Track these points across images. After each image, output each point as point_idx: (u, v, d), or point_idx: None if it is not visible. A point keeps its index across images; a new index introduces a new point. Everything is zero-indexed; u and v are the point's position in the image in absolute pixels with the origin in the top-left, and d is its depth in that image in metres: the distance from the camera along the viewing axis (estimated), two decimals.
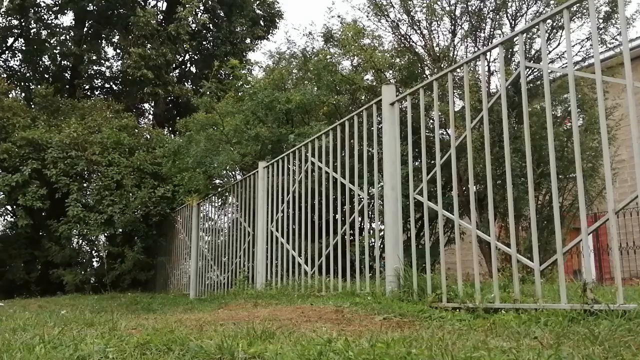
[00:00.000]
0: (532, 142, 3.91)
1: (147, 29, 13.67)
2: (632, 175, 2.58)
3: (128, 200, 10.20)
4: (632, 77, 2.43)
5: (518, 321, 2.40)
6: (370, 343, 1.78)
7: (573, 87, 2.69)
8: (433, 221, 6.70)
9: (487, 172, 3.02)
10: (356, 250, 4.25)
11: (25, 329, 2.62)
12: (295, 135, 6.79)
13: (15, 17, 15.52)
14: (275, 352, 1.67)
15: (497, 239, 3.42)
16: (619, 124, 6.80)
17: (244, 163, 7.66)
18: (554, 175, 2.70)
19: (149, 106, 17.52)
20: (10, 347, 1.90)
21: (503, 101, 3.05)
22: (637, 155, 2.33)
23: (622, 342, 1.74)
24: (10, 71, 16.45)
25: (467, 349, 1.68)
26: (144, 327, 2.57)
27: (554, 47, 6.81)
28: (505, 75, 3.43)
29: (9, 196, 10.37)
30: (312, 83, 8.16)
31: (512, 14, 7.04)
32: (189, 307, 5.10)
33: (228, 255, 7.19)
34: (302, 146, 5.28)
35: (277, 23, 16.41)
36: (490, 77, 7.09)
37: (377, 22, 7.67)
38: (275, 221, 5.63)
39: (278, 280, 5.37)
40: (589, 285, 2.43)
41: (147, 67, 13.34)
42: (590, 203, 6.71)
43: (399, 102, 3.97)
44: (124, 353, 1.78)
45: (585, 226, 2.56)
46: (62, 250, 10.52)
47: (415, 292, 3.34)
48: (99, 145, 10.69)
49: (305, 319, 2.98)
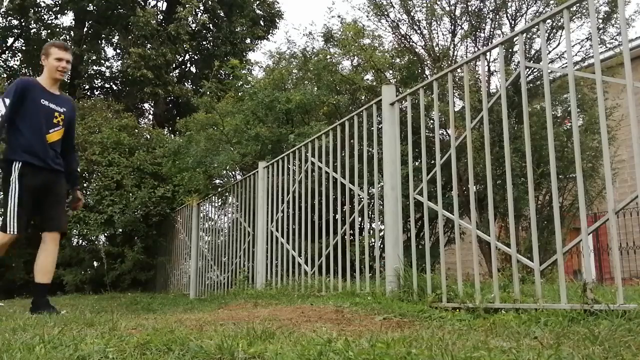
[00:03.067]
0: (532, 142, 3.92)
1: (147, 29, 13.67)
2: (632, 175, 2.58)
3: (128, 200, 10.20)
4: (632, 77, 2.43)
5: (518, 321, 2.40)
6: (370, 343, 1.78)
7: (573, 87, 2.69)
8: (433, 221, 6.71)
9: (487, 172, 3.03)
10: (356, 250, 4.25)
11: (25, 329, 2.62)
12: (295, 135, 6.79)
13: (15, 17, 15.53)
14: (275, 352, 1.67)
15: (497, 239, 3.42)
16: (619, 124, 6.80)
17: (244, 163, 7.66)
18: (554, 175, 2.70)
19: (149, 106, 17.53)
20: (10, 347, 1.90)
21: (503, 101, 3.05)
22: (637, 155, 2.33)
23: (622, 342, 1.74)
24: (10, 71, 16.46)
25: (467, 349, 1.68)
26: (144, 327, 2.57)
27: (553, 47, 6.81)
28: (505, 75, 3.43)
29: None
30: (312, 83, 8.16)
31: (512, 14, 7.05)
32: (189, 307, 5.10)
33: (228, 255, 7.19)
34: (302, 146, 5.28)
35: (277, 23, 16.41)
36: (490, 77, 7.09)
37: (377, 22, 7.68)
38: (275, 221, 5.63)
39: (278, 280, 5.37)
40: (589, 285, 2.43)
41: (147, 67, 13.34)
42: (590, 203, 6.71)
43: (399, 102, 3.97)
44: (124, 353, 1.78)
45: (585, 226, 2.56)
46: (62, 250, 10.51)
47: (415, 292, 3.34)
48: (99, 145, 10.68)
49: (305, 319, 2.98)
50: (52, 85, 3.93)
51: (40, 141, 3.74)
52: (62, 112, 3.93)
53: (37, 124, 3.76)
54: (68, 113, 3.98)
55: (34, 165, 3.71)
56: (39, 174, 3.74)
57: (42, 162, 3.75)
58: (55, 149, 3.87)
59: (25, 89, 3.76)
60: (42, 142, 3.75)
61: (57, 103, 3.90)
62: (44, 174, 3.76)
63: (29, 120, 3.73)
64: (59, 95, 3.98)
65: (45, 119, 3.80)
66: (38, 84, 3.89)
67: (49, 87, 3.91)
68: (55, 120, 3.87)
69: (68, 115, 3.98)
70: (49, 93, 3.88)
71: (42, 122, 3.78)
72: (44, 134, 3.78)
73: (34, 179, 3.71)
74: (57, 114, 3.89)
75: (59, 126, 3.91)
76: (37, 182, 3.72)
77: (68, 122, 3.99)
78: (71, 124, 4.06)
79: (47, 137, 3.80)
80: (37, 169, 3.74)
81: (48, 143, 3.80)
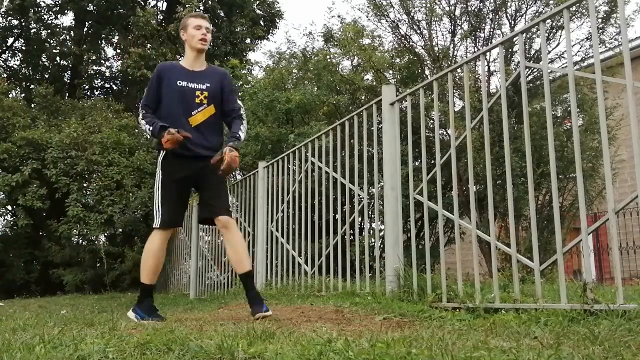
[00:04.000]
0: (532, 142, 3.92)
1: (147, 29, 13.67)
2: (632, 175, 2.58)
3: (128, 200, 10.20)
4: (632, 77, 2.43)
5: (518, 321, 2.40)
6: (370, 343, 1.78)
7: (573, 87, 2.69)
8: (433, 221, 6.71)
9: (487, 172, 3.02)
10: (356, 250, 4.25)
11: (25, 329, 2.62)
12: (295, 135, 6.80)
13: (15, 17, 15.53)
14: (275, 352, 1.67)
15: (497, 239, 3.43)
16: (619, 124, 6.80)
17: (244, 163, 7.67)
18: (554, 175, 2.70)
19: None
20: (10, 347, 1.90)
21: (503, 101, 3.06)
22: (637, 155, 2.33)
23: (622, 342, 1.74)
24: (10, 71, 16.46)
25: (467, 348, 1.68)
26: (144, 327, 2.57)
27: (553, 47, 6.82)
28: (505, 75, 3.43)
29: (9, 196, 10.38)
30: (312, 83, 8.17)
31: (512, 14, 7.05)
32: (189, 307, 5.10)
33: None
34: (302, 146, 5.28)
35: (277, 23, 16.41)
36: (490, 77, 7.10)
37: (377, 22, 7.69)
38: (275, 221, 5.63)
39: (278, 280, 5.37)
40: (589, 285, 2.43)
41: (147, 67, 13.34)
42: (590, 203, 6.71)
43: (399, 102, 3.97)
44: (124, 353, 1.78)
45: (585, 226, 2.56)
46: (62, 250, 10.52)
47: (415, 292, 3.34)
48: (99, 145, 10.69)
49: (305, 318, 2.99)
50: (195, 60, 3.51)
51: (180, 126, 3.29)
52: (205, 89, 3.44)
53: (175, 109, 3.38)
54: (213, 87, 3.47)
55: (175, 154, 3.33)
56: (184, 163, 3.35)
57: (186, 150, 3.33)
58: (202, 131, 3.38)
59: (159, 77, 3.43)
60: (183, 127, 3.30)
61: (198, 80, 3.45)
62: (188, 162, 3.35)
63: (167, 107, 3.39)
64: (203, 70, 3.51)
65: (184, 101, 3.39)
66: (175, 65, 3.53)
67: (191, 64, 3.49)
68: (197, 100, 3.41)
69: (213, 89, 3.46)
70: (188, 72, 3.46)
71: (179, 105, 3.38)
72: (184, 118, 3.36)
73: (177, 169, 3.36)
74: (198, 93, 3.42)
75: (203, 105, 3.42)
76: (181, 172, 3.36)
77: (213, 96, 3.46)
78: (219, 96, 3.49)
79: (190, 120, 3.37)
80: (181, 157, 3.34)
81: (192, 127, 3.35)
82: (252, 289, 3.25)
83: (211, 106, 3.44)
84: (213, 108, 3.45)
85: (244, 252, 3.33)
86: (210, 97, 3.45)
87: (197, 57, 3.50)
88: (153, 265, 3.34)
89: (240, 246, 3.33)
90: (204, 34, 3.47)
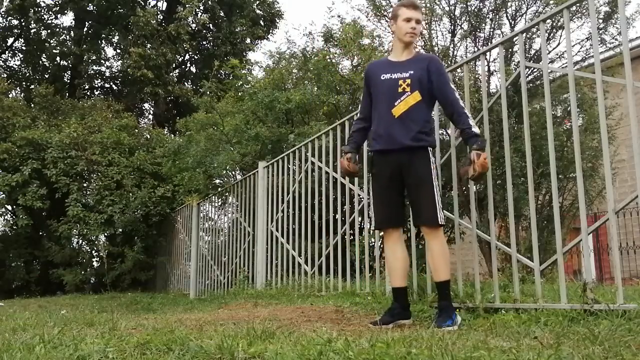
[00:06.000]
0: (532, 142, 3.91)
1: (147, 29, 13.67)
2: (632, 175, 2.58)
3: (128, 200, 10.20)
4: (632, 77, 2.43)
5: (518, 321, 2.40)
6: (370, 343, 1.78)
7: (573, 87, 2.69)
8: None
9: (487, 172, 3.02)
10: (356, 250, 4.25)
11: (25, 329, 2.62)
12: (295, 135, 6.79)
13: (15, 17, 15.53)
14: (275, 352, 1.67)
15: (497, 239, 3.43)
16: (619, 123, 6.80)
17: (244, 163, 7.67)
18: (554, 175, 2.70)
19: (149, 106, 17.54)
20: (10, 347, 1.90)
21: (503, 101, 3.06)
22: (637, 155, 2.33)
23: (622, 342, 1.74)
24: (10, 71, 16.46)
25: (467, 348, 1.68)
26: (144, 327, 2.57)
27: (553, 47, 6.81)
28: (505, 75, 3.43)
29: (9, 196, 10.38)
30: (312, 83, 8.16)
31: (512, 14, 7.05)
32: (189, 307, 5.10)
33: (228, 255, 7.19)
34: (302, 146, 5.28)
35: (277, 23, 16.41)
36: (490, 77, 7.09)
37: (377, 22, 7.69)
38: (275, 221, 5.63)
39: (278, 280, 5.37)
40: (589, 285, 2.43)
41: (147, 67, 13.34)
42: (590, 203, 6.71)
43: None
44: (124, 353, 1.78)
45: (585, 226, 2.56)
46: (62, 250, 10.52)
47: (415, 292, 3.35)
48: (99, 145, 10.68)
49: (305, 318, 2.99)
50: (403, 51, 3.32)
51: (384, 120, 3.20)
52: (408, 77, 3.23)
53: (381, 104, 3.25)
54: (417, 73, 3.23)
55: (381, 150, 3.22)
56: (389, 158, 3.20)
57: (388, 144, 3.19)
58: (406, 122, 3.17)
59: (366, 79, 3.37)
60: (386, 120, 3.20)
61: (402, 70, 3.26)
62: (393, 157, 3.18)
63: (376, 105, 3.28)
64: (408, 59, 3.30)
65: (388, 93, 3.24)
66: (381, 61, 3.44)
67: (399, 55, 3.32)
68: (400, 89, 3.22)
69: (417, 76, 3.22)
70: (392, 64, 3.31)
71: (384, 99, 3.25)
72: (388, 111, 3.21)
73: (383, 165, 3.22)
74: (401, 82, 3.23)
75: (406, 93, 3.21)
76: (387, 168, 3.20)
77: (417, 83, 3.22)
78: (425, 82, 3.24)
79: (393, 112, 3.20)
80: (384, 153, 3.21)
81: (396, 118, 3.18)
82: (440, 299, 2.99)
83: (415, 92, 3.20)
84: (418, 94, 3.20)
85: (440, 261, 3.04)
86: (414, 84, 3.21)
87: (406, 47, 3.31)
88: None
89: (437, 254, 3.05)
90: (413, 27, 3.27)
